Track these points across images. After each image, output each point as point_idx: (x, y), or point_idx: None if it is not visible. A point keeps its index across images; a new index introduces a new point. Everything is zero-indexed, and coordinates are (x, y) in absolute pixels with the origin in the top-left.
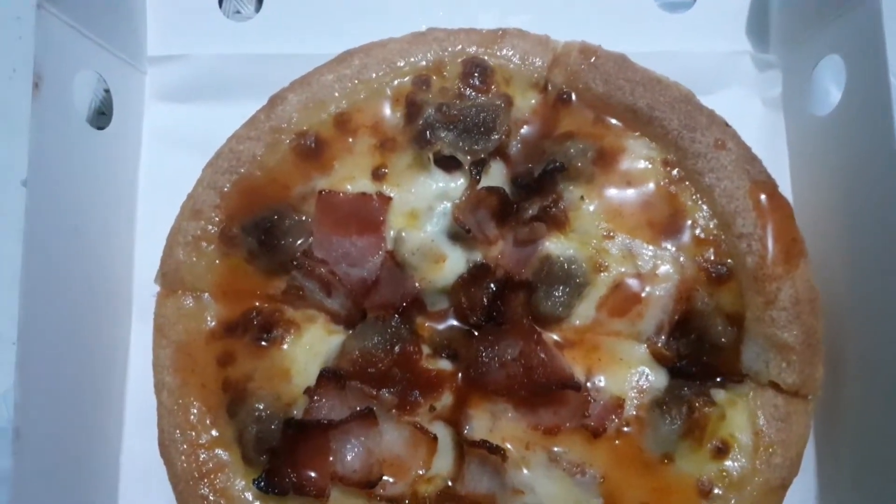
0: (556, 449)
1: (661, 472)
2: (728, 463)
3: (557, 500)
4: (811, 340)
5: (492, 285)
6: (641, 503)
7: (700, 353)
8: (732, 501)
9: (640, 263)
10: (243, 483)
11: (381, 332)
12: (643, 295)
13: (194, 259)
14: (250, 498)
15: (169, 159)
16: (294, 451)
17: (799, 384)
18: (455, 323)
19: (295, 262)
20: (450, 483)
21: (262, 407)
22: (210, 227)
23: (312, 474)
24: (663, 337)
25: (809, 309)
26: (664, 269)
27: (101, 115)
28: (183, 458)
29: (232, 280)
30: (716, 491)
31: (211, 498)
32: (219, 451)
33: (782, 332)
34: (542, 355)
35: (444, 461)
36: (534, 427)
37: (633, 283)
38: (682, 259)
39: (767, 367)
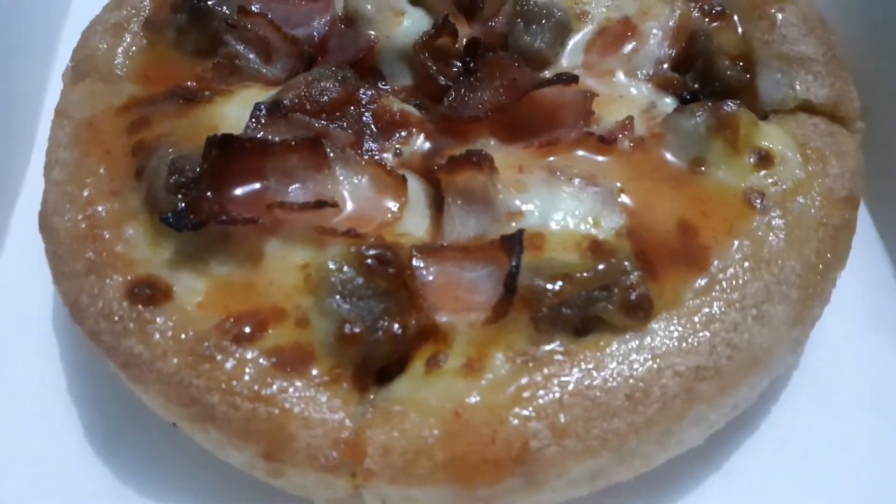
0: (555, 159)
1: (696, 182)
2: (776, 171)
3: (566, 217)
4: (833, 52)
5: (462, 41)
6: (679, 218)
7: (710, 90)
8: (793, 212)
9: (625, 7)
10: (149, 251)
11: (331, 72)
12: (636, 31)
13: (112, 46)
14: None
15: None
16: (218, 175)
17: (834, 99)
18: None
19: (229, 23)
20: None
21: (177, 151)
22: (135, 13)
23: (239, 192)
24: (666, 66)
25: (821, 25)
26: (653, 8)
27: None
28: (68, 223)
29: (155, 65)
30: (769, 202)
31: (101, 257)
32: (117, 210)
33: (798, 45)
34: (526, 72)
35: (418, 220)
36: (526, 147)
37: (621, 23)
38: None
39: (794, 88)
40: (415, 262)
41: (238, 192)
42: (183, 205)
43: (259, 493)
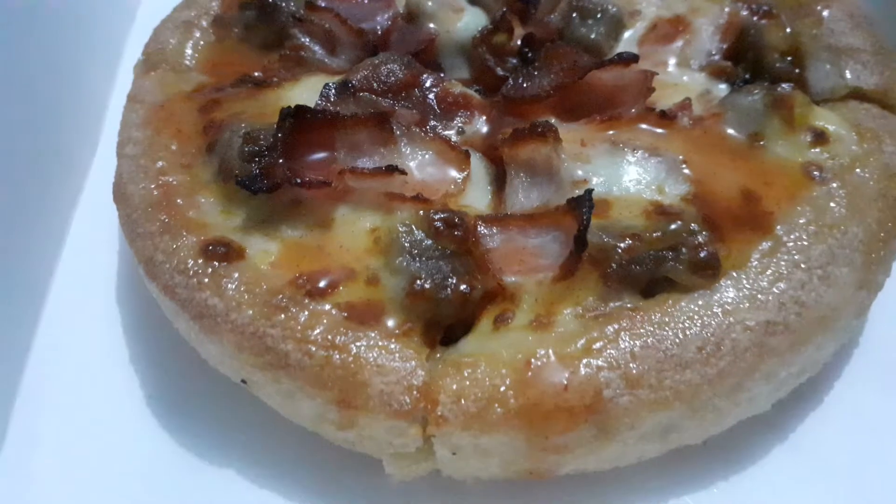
0: (616, 133)
1: (755, 155)
2: (832, 147)
3: (631, 185)
4: (881, 44)
5: (517, 41)
6: (741, 187)
7: (762, 81)
8: (852, 183)
9: (675, 7)
10: (221, 217)
11: (397, 57)
12: (688, 27)
13: (182, 41)
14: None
15: None
16: (292, 144)
17: (884, 86)
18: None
19: (296, 18)
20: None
21: (248, 125)
22: (204, 11)
23: (311, 160)
24: (717, 57)
25: (867, 22)
26: (702, 7)
27: None
28: (142, 190)
29: (223, 58)
30: (828, 173)
31: (174, 220)
32: (189, 182)
33: (846, 37)
34: (587, 57)
35: (480, 195)
36: (587, 123)
37: (672, 21)
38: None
39: (843, 76)
40: (480, 230)
41: (310, 159)
42: (257, 170)
43: (322, 457)
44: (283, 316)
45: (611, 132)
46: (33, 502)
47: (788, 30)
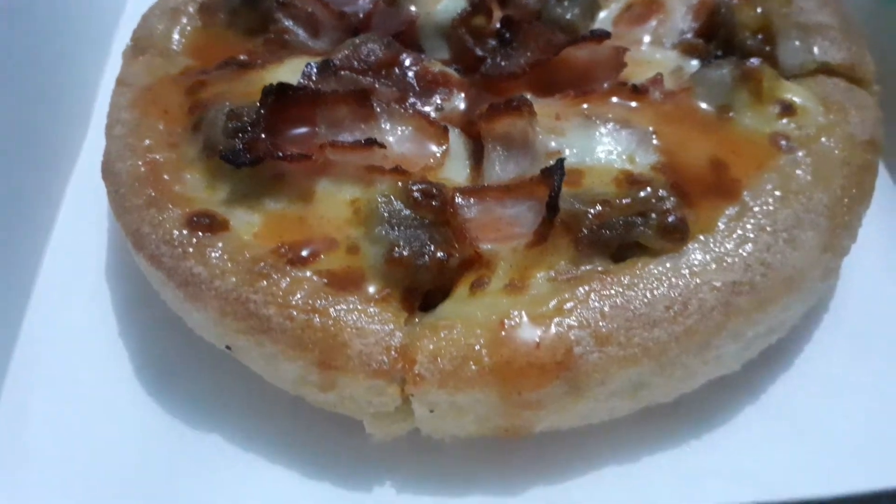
0: (589, 107)
1: (724, 126)
2: (799, 118)
3: (603, 155)
4: (847, 20)
5: (497, 22)
6: (710, 156)
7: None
8: (818, 152)
9: None
10: (206, 193)
11: (377, 37)
12: (662, 7)
13: (169, 27)
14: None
15: None
16: (274, 120)
17: (851, 60)
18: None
19: (280, 2)
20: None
21: (233, 104)
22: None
23: (297, 132)
24: (689, 35)
25: (834, 0)
26: None
27: None
28: (130, 167)
29: (209, 42)
30: (794, 143)
31: (161, 194)
32: (175, 159)
33: (815, 15)
34: (561, 35)
35: (458, 169)
36: (562, 98)
37: (647, 1)
38: None
39: (812, 52)
40: (458, 201)
41: (291, 134)
42: (241, 145)
43: (305, 421)
44: (265, 282)
45: (584, 106)
46: (25, 475)
47: (759, 9)
